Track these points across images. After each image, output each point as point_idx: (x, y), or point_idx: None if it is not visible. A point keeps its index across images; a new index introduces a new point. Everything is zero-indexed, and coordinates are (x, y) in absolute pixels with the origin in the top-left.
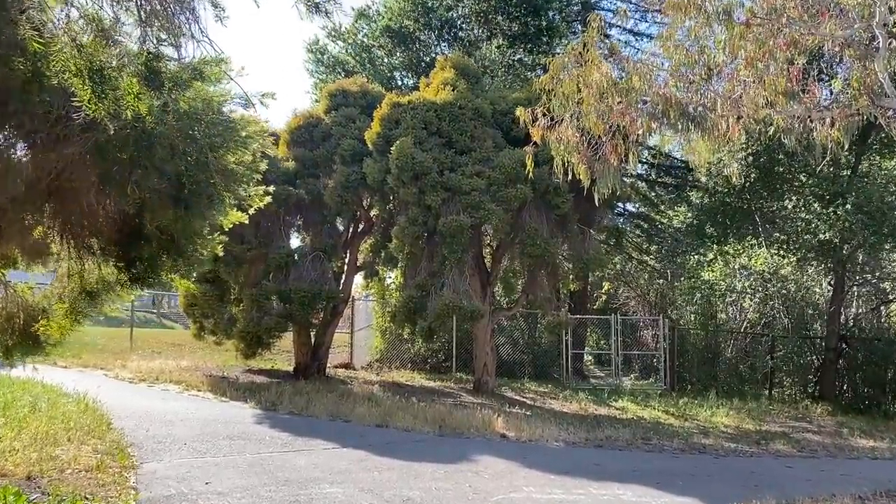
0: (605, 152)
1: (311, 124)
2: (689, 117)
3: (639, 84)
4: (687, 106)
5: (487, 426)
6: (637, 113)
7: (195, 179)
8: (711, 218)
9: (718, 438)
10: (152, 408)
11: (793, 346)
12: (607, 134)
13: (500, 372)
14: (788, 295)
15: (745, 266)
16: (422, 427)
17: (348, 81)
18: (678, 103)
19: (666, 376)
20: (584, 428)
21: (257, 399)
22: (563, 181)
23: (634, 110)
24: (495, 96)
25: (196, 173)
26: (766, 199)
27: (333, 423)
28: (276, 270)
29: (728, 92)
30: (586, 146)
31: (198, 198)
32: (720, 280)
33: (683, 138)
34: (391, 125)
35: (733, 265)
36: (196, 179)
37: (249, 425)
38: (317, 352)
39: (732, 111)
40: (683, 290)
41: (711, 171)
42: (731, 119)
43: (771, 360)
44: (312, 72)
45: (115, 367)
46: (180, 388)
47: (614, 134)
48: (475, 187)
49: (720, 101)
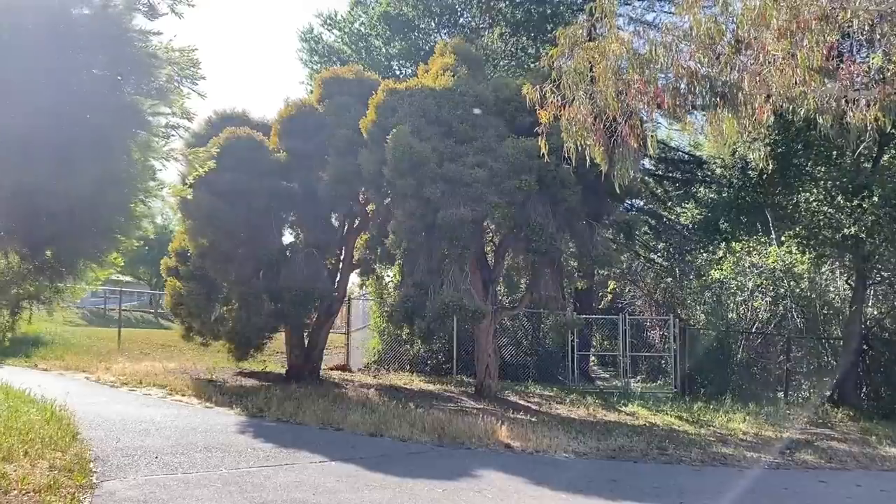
0: (623, 134)
1: (303, 114)
2: (718, 93)
3: (663, 56)
4: (715, 80)
5: (490, 435)
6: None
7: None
8: (725, 213)
9: (739, 447)
10: (129, 415)
11: (809, 348)
12: (624, 114)
13: (503, 374)
14: (803, 294)
15: (756, 264)
16: (419, 436)
17: (343, 69)
18: (705, 77)
19: (676, 379)
20: (594, 436)
21: (244, 405)
22: (572, 170)
23: (654, 87)
24: (498, 83)
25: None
26: (784, 193)
27: (324, 431)
28: (266, 268)
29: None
30: (602, 127)
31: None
32: (730, 278)
33: (708, 118)
34: (387, 113)
35: (744, 263)
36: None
37: (231, 435)
38: (310, 354)
39: (761, 89)
40: (693, 288)
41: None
42: (760, 98)
43: (787, 362)
44: (306, 61)
45: (98, 370)
46: (163, 392)
47: (631, 115)
48: (477, 179)
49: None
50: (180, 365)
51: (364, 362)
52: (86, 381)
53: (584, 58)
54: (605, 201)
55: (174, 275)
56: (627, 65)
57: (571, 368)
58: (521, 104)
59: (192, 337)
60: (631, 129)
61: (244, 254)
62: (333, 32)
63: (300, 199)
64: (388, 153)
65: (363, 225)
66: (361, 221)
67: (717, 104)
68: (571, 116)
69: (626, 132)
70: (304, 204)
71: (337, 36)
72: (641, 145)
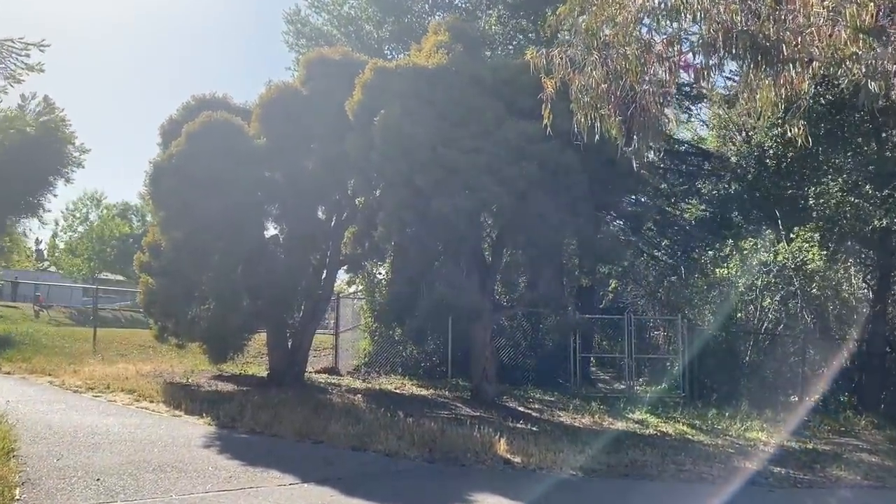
0: (643, 102)
1: (286, 97)
2: (760, 48)
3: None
4: (756, 34)
5: (488, 449)
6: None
7: None
8: (738, 205)
9: (763, 461)
10: (84, 426)
11: (826, 350)
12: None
13: (501, 377)
14: (815, 292)
15: (765, 262)
16: (408, 450)
17: (330, 50)
18: (743, 34)
19: (684, 382)
20: (603, 448)
21: (215, 413)
22: (577, 156)
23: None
24: (496, 63)
25: None
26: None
27: (301, 444)
28: (246, 263)
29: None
30: (618, 96)
31: None
32: (738, 277)
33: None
34: (376, 93)
35: (751, 260)
36: None
37: (194, 450)
38: (294, 356)
39: (802, 53)
40: (698, 287)
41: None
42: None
43: (804, 365)
44: (292, 45)
45: (65, 374)
46: (130, 398)
47: (648, 82)
48: (473, 165)
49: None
50: (156, 367)
51: (354, 365)
52: (49, 385)
53: (599, 15)
54: (611, 191)
55: (147, 271)
56: (651, 20)
57: (574, 371)
58: (520, 86)
59: (167, 338)
60: (652, 96)
61: (221, 248)
62: (322, 15)
63: (283, 190)
64: (377, 137)
65: (351, 218)
66: (349, 214)
67: (759, 63)
68: (582, 85)
69: (647, 100)
70: (287, 194)
71: (325, 19)
72: (662, 115)
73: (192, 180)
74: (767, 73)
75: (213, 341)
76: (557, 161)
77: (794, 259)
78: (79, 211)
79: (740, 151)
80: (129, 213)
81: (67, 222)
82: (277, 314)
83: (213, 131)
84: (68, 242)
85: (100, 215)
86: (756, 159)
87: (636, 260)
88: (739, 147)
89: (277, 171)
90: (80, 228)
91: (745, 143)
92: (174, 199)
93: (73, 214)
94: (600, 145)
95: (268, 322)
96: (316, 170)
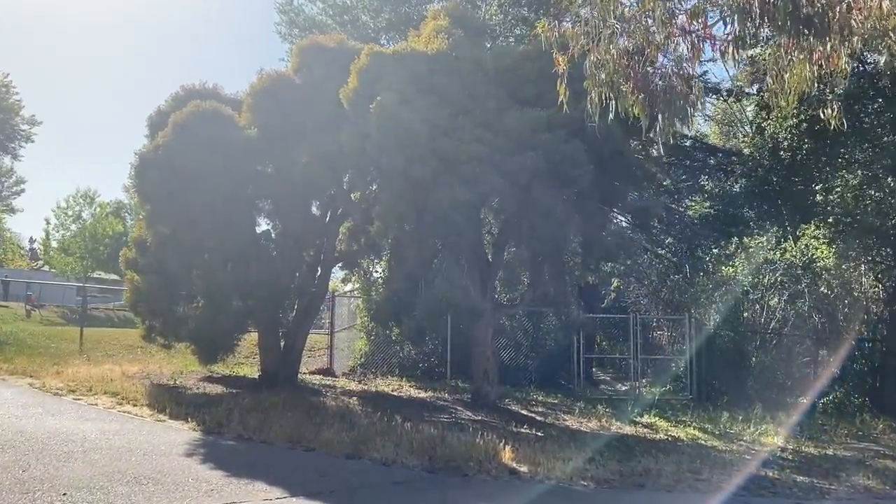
0: (668, 77)
1: (278, 86)
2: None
3: None
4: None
5: (492, 457)
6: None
7: None
8: (748, 200)
9: (784, 469)
10: (58, 432)
11: (838, 350)
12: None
13: (502, 379)
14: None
15: (771, 260)
16: (406, 458)
17: (324, 37)
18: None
19: (692, 384)
20: (613, 456)
21: (201, 417)
22: (598, 128)
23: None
24: (499, 50)
25: None
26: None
27: (291, 452)
28: (236, 260)
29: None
30: (640, 71)
31: None
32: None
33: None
34: (371, 80)
35: (757, 258)
36: None
37: (175, 459)
38: (287, 356)
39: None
40: (704, 286)
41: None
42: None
43: (817, 366)
44: (286, 35)
45: (47, 375)
46: (113, 401)
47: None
48: (474, 156)
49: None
50: (143, 368)
51: (349, 365)
52: (28, 388)
53: None
54: (617, 185)
55: (134, 267)
56: None
57: (577, 372)
58: (524, 73)
59: (155, 338)
60: (677, 71)
61: (210, 244)
62: (316, 4)
63: (275, 183)
64: (373, 126)
65: (346, 213)
66: (344, 209)
67: (800, 33)
68: (598, 59)
69: (672, 73)
70: (280, 188)
71: (320, 8)
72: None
73: (180, 173)
74: (803, 48)
75: (202, 342)
76: (563, 152)
77: (803, 256)
78: (71, 209)
79: (754, 143)
80: (122, 211)
81: (59, 220)
82: (269, 313)
83: (201, 121)
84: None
85: (93, 213)
86: (770, 151)
87: (639, 258)
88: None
89: (269, 164)
90: (72, 227)
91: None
92: (160, 192)
93: (65, 212)
94: (607, 136)
95: (259, 321)
96: (310, 162)
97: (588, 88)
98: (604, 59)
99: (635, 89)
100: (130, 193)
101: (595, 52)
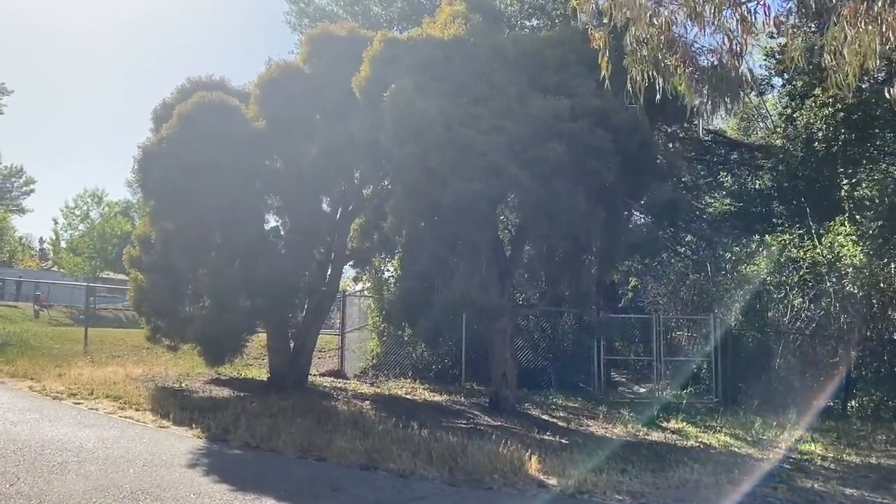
0: (718, 55)
1: (287, 76)
2: None
3: None
4: None
5: (519, 469)
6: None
7: None
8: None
9: (829, 480)
10: (54, 440)
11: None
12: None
13: (519, 381)
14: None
15: (795, 258)
16: (425, 470)
17: (335, 26)
18: None
19: (717, 386)
20: (646, 466)
21: (206, 423)
22: (638, 110)
23: None
24: (518, 36)
25: None
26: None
27: (302, 462)
28: (243, 257)
29: None
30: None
31: None
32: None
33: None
34: (385, 67)
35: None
36: None
37: (176, 470)
38: (296, 358)
39: None
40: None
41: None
42: None
43: (851, 369)
44: (295, 25)
45: (48, 378)
46: (114, 406)
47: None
48: (493, 146)
49: None
50: (149, 370)
51: (361, 367)
52: (28, 391)
53: None
54: (643, 177)
55: (137, 266)
56: None
57: (597, 375)
58: (545, 60)
59: (160, 339)
60: (727, 45)
61: (217, 241)
62: None
63: (284, 178)
64: (386, 115)
65: (358, 210)
66: (356, 206)
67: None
68: (640, 34)
69: (725, 48)
70: (289, 183)
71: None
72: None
73: (185, 166)
74: (869, 17)
75: (209, 342)
76: (587, 143)
77: (830, 253)
78: (79, 209)
79: (786, 134)
80: (131, 210)
81: (67, 220)
82: (278, 313)
83: (207, 113)
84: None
85: (101, 213)
86: (804, 142)
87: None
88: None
89: (278, 157)
90: (80, 226)
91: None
92: (165, 186)
93: (72, 212)
94: (633, 126)
95: (268, 322)
96: (320, 156)
97: (628, 66)
98: (647, 34)
99: (682, 64)
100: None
101: (637, 26)
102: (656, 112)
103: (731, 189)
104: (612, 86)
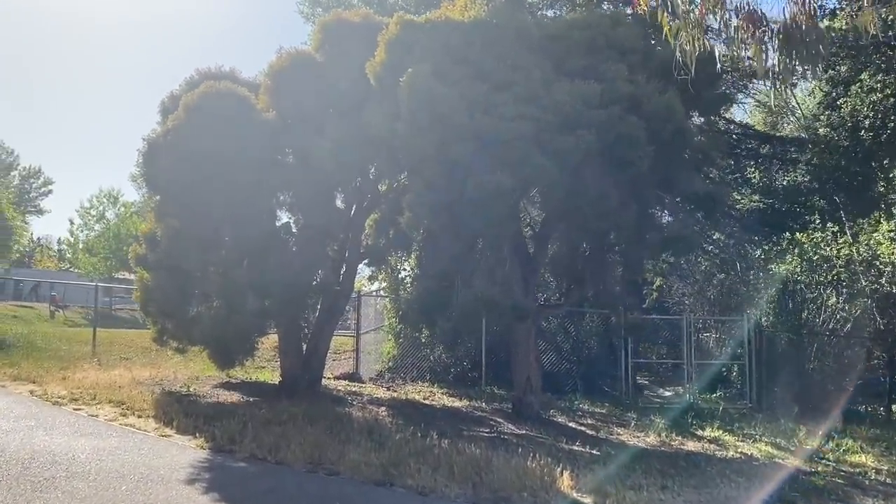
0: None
1: (299, 66)
2: None
3: None
4: None
5: (549, 485)
6: None
7: None
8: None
9: (890, 497)
10: (45, 451)
11: None
12: None
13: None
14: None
15: (827, 256)
16: (446, 486)
17: (349, 12)
18: None
19: (751, 391)
20: (686, 481)
21: (211, 432)
22: (643, 125)
23: None
24: (542, 20)
25: None
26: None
27: (312, 476)
28: (253, 255)
29: None
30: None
31: None
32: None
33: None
34: (401, 52)
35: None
36: None
37: (174, 487)
38: (309, 360)
39: None
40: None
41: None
42: None
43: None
44: (308, 15)
45: (52, 381)
46: (116, 412)
47: None
48: (518, 135)
49: None
50: (156, 373)
51: (377, 370)
52: (28, 395)
53: None
54: (677, 168)
55: (143, 264)
56: None
57: (624, 378)
58: (573, 43)
59: (167, 341)
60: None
61: (225, 238)
62: None
63: (296, 172)
64: (403, 102)
65: (373, 206)
66: (371, 202)
67: None
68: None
69: (797, 10)
70: (301, 178)
71: None
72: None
73: (192, 159)
74: None
75: (217, 345)
76: (618, 131)
77: (867, 251)
78: (95, 209)
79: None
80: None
81: (83, 220)
82: (290, 314)
83: (215, 103)
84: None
85: (117, 213)
86: (849, 131)
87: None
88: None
89: (289, 150)
90: (96, 227)
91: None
92: (171, 180)
93: (88, 213)
94: (668, 113)
95: (279, 322)
96: (333, 149)
97: (679, 31)
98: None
99: (746, 27)
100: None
101: None
102: (690, 101)
103: (759, 185)
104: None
